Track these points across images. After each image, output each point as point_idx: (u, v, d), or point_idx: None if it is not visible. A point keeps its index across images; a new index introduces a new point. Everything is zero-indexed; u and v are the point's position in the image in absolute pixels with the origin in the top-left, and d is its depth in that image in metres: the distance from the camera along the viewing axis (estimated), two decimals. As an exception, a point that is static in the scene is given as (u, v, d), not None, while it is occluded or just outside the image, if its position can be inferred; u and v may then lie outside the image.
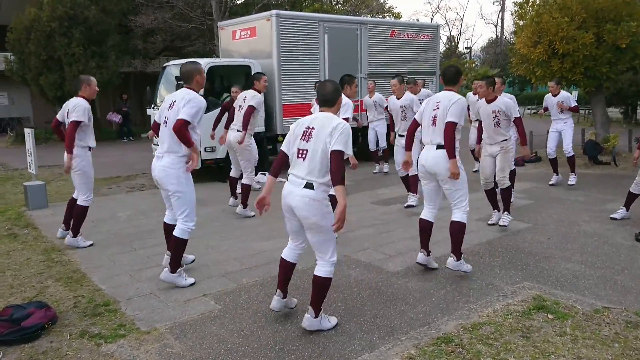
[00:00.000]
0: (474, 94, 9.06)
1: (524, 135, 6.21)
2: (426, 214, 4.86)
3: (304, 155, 3.44)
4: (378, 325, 3.80)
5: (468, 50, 39.62)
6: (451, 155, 4.52)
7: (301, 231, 3.64)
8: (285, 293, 3.81)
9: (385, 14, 25.25)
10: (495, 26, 56.49)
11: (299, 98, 10.57)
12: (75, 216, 5.76)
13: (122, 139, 18.77)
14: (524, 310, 3.96)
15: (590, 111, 21.72)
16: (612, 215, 6.63)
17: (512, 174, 7.39)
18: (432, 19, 44.73)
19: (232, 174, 7.47)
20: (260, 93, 6.93)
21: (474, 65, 32.61)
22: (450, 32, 42.44)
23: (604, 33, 10.46)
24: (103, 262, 5.27)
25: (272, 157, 10.10)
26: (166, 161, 4.36)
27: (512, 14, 14.30)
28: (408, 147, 5.06)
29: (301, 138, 3.48)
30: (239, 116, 6.95)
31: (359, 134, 11.69)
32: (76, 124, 5.45)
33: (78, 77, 5.94)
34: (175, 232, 4.43)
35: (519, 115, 6.24)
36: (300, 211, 3.44)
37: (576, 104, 8.66)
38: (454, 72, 4.82)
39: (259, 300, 4.25)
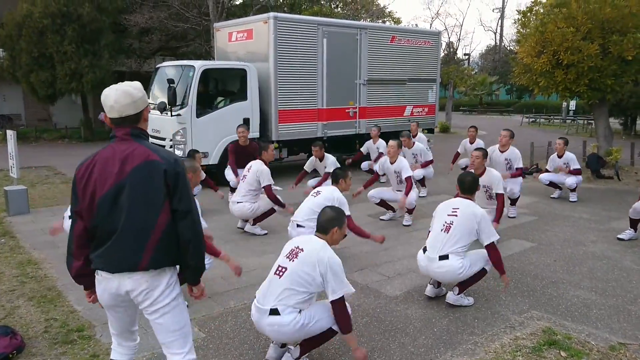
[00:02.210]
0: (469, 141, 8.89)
1: (500, 213, 5.78)
2: None
3: (281, 273, 3.16)
4: (376, 360, 3.48)
5: (467, 56, 39.40)
6: (502, 271, 4.29)
7: None
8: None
9: (386, 19, 25.00)
10: (495, 33, 56.48)
11: (295, 104, 10.26)
12: None
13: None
14: (534, 346, 3.65)
15: (589, 122, 21.59)
16: (619, 236, 6.37)
17: (516, 199, 7.28)
18: (431, 24, 44.60)
19: None
20: (266, 164, 6.44)
21: (472, 72, 32.40)
22: (449, 38, 42.27)
23: (610, 44, 10.21)
24: (81, 278, 4.91)
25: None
26: None
27: (515, 22, 14.05)
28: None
29: (286, 256, 3.24)
30: (242, 186, 6.42)
31: (357, 141, 11.38)
32: None
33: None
34: None
35: (502, 192, 5.91)
36: (276, 338, 3.27)
37: (579, 167, 8.47)
38: (471, 181, 4.44)
39: (246, 328, 3.91)
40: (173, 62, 10.67)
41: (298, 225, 5.23)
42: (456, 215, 4.25)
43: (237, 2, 20.76)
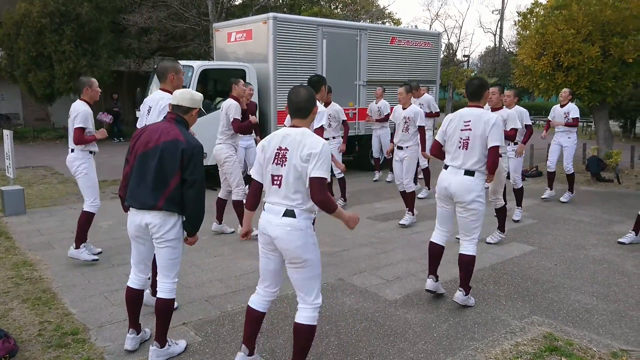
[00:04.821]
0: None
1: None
2: (437, 237, 4.47)
3: (279, 182, 2.97)
4: (375, 366, 3.42)
5: (466, 58, 39.37)
6: (491, 171, 4.22)
7: (278, 271, 3.19)
8: (252, 349, 3.27)
9: (385, 20, 24.94)
10: (494, 35, 56.44)
11: (294, 104, 10.19)
12: (78, 223, 5.35)
13: (112, 140, 18.31)
14: (535, 352, 3.60)
15: (589, 124, 21.56)
16: (620, 240, 6.31)
17: (520, 192, 7.22)
18: (430, 26, 44.59)
19: (221, 195, 6.63)
20: (237, 101, 6.32)
21: (472, 73, 32.37)
22: (448, 39, 42.23)
23: (611, 46, 10.17)
24: (77, 281, 4.86)
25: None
26: None
27: (515, 24, 14.00)
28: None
29: (273, 162, 3.00)
30: (219, 128, 6.38)
31: (356, 142, 11.35)
32: (81, 131, 5.23)
33: (79, 79, 5.52)
34: None
35: (517, 127, 6.05)
36: (281, 242, 2.97)
37: (577, 117, 8.40)
38: (477, 85, 4.33)
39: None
40: (172, 62, 10.60)
41: None
42: (470, 129, 4.17)
43: (237, 3, 20.71)
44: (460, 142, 4.22)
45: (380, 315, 4.19)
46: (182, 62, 10.12)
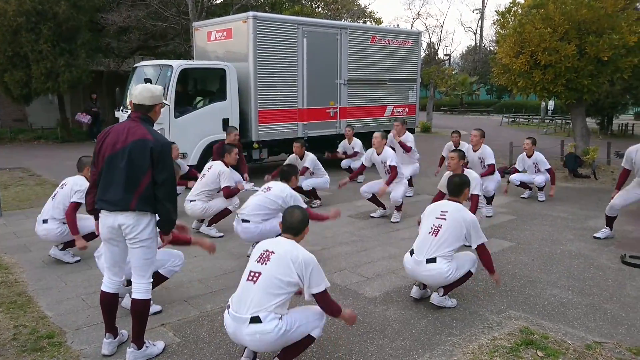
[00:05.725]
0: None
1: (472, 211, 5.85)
2: None
3: (255, 279, 3.03)
4: (353, 363, 3.44)
5: (447, 57, 39.70)
6: (492, 270, 4.22)
7: None
8: None
9: (366, 19, 25.01)
10: (475, 34, 56.99)
11: (275, 104, 10.19)
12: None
13: (92, 140, 18.07)
14: (511, 346, 3.65)
15: (567, 121, 21.91)
16: (595, 235, 6.45)
17: (491, 198, 7.38)
18: (412, 25, 44.82)
19: None
20: (227, 166, 6.48)
21: (453, 72, 32.66)
22: (430, 38, 42.46)
23: (586, 45, 10.34)
24: (53, 283, 4.80)
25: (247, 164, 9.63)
26: None
27: (493, 23, 14.15)
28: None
29: (257, 260, 3.11)
30: (198, 185, 6.43)
31: (338, 141, 11.35)
32: (77, 207, 5.08)
33: (80, 159, 5.37)
34: None
35: (477, 194, 5.88)
36: (255, 348, 3.12)
37: (549, 167, 8.43)
38: (457, 183, 4.38)
39: (222, 332, 3.83)
40: (151, 62, 10.51)
41: (243, 220, 5.22)
42: (445, 219, 4.16)
43: (217, 1, 20.56)
44: (432, 228, 4.18)
45: (360, 313, 4.21)
46: (161, 62, 10.07)
